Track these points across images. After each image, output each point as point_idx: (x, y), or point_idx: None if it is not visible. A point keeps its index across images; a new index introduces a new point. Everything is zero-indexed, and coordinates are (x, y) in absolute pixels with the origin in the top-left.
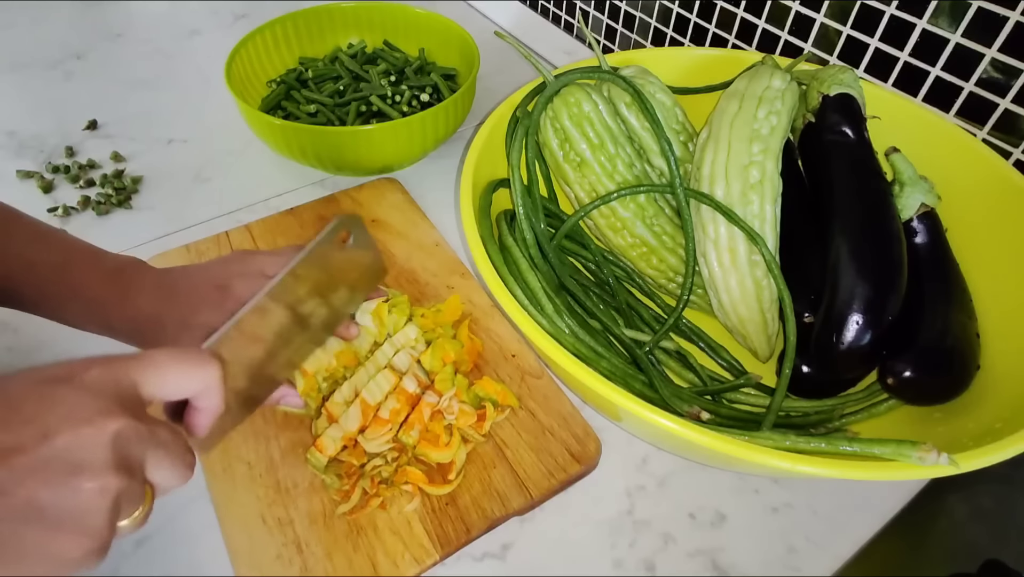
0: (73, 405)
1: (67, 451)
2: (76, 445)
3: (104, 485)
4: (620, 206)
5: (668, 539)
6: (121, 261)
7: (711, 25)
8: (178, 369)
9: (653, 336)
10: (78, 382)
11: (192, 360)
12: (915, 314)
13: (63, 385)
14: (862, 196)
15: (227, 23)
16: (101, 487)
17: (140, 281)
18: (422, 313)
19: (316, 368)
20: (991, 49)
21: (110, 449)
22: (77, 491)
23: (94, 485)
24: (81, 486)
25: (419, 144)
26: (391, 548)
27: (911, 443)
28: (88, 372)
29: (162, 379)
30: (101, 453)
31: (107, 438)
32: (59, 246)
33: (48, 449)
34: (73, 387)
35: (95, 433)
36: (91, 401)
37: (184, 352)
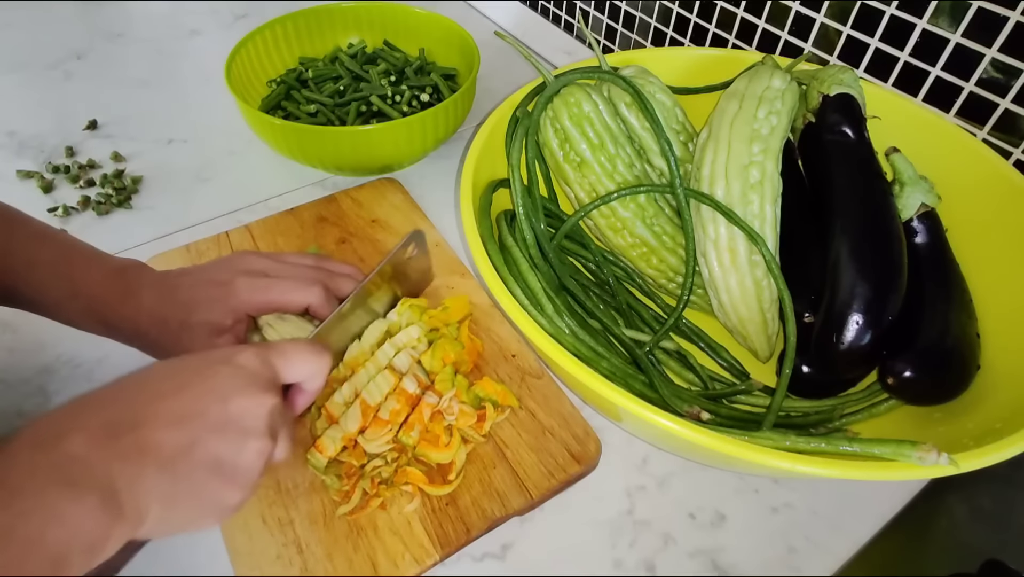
0: (242, 381)
1: (240, 417)
2: (246, 412)
3: (263, 447)
4: (620, 206)
5: (668, 539)
6: (122, 262)
7: (711, 25)
8: (303, 357)
9: (653, 336)
10: (237, 363)
11: (313, 350)
12: (915, 314)
13: (227, 364)
14: (862, 196)
15: (227, 23)
16: (261, 449)
17: (141, 281)
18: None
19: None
20: (991, 49)
21: (268, 419)
22: (244, 450)
23: (258, 445)
24: (249, 446)
25: (419, 144)
26: (391, 548)
27: (911, 443)
28: (243, 355)
29: (292, 365)
30: (262, 421)
31: (266, 410)
32: (59, 245)
33: (225, 413)
34: (236, 367)
35: (259, 405)
36: (253, 379)
37: (305, 344)
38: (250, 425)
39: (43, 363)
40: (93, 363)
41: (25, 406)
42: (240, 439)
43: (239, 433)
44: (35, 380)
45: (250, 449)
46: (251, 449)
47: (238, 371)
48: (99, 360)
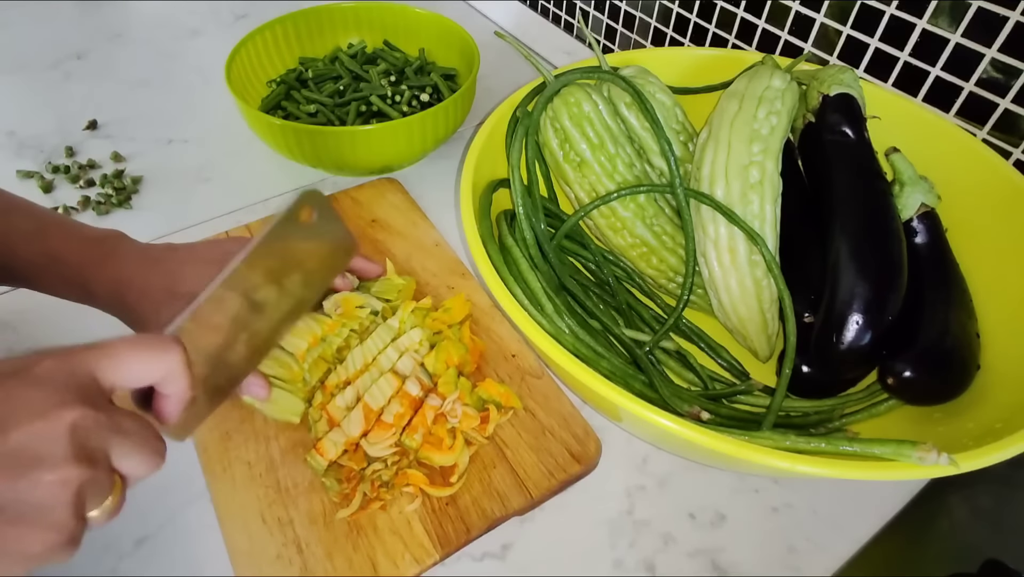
0: (26, 399)
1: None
2: (32, 439)
3: (65, 477)
4: (620, 206)
5: (668, 539)
6: (102, 231)
7: (711, 25)
8: (137, 356)
9: (653, 336)
10: (30, 376)
11: (152, 346)
12: (915, 314)
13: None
14: (862, 196)
15: (227, 23)
16: (62, 479)
17: (123, 249)
18: (433, 317)
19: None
20: (991, 49)
21: (68, 440)
22: (36, 484)
23: (54, 477)
24: (40, 479)
25: (419, 144)
26: (391, 548)
27: (911, 443)
28: (40, 365)
29: (121, 366)
30: (59, 445)
31: (63, 429)
32: (36, 216)
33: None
34: (24, 381)
35: (50, 425)
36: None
37: (144, 339)
38: (40, 452)
39: None
40: None
41: None
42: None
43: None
44: None
45: (44, 483)
46: (45, 483)
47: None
48: None
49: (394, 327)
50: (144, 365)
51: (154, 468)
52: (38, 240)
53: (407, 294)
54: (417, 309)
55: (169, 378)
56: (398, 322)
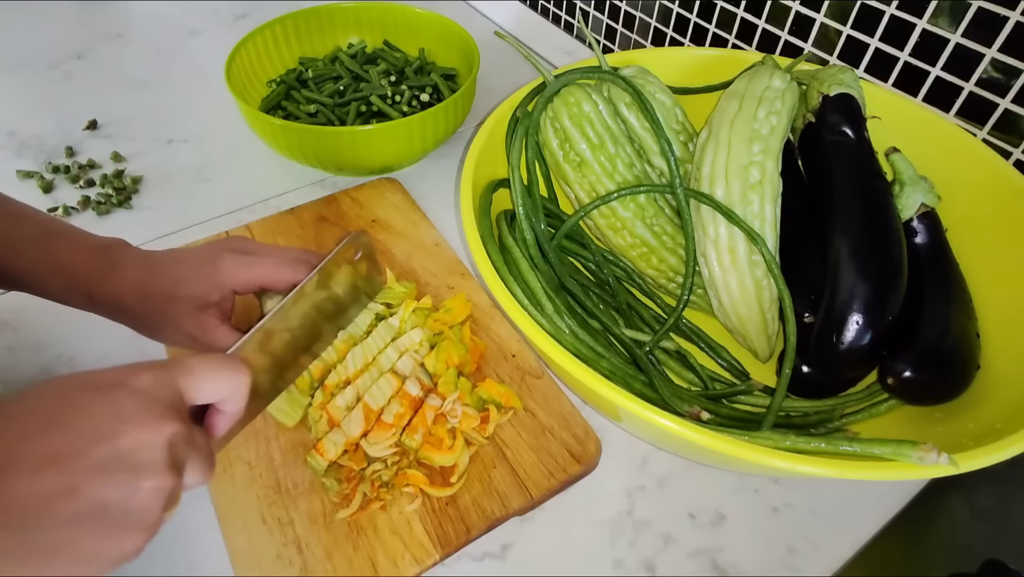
0: (133, 409)
1: (129, 453)
2: (138, 447)
3: (161, 484)
4: (620, 206)
5: (668, 539)
6: (105, 240)
7: (711, 25)
8: (214, 375)
9: (653, 336)
10: (132, 387)
11: (227, 367)
12: (915, 314)
13: (119, 390)
14: (862, 196)
15: (227, 23)
16: (158, 486)
17: (125, 257)
18: (434, 317)
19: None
20: (991, 49)
21: (166, 451)
22: (138, 490)
23: (153, 484)
24: (142, 485)
25: (419, 144)
26: (391, 548)
27: (911, 443)
28: (139, 378)
29: (201, 385)
30: (158, 455)
31: (163, 441)
32: (40, 223)
33: (112, 451)
34: (129, 392)
35: (153, 436)
36: (148, 406)
37: (218, 359)
38: (144, 461)
39: (43, 363)
40: (93, 362)
41: None
42: (131, 479)
43: (130, 472)
44: (35, 380)
45: (144, 489)
46: (145, 489)
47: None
48: (99, 359)
49: (394, 326)
50: (219, 384)
51: (207, 480)
52: (43, 247)
53: (411, 295)
54: (418, 309)
55: (232, 397)
56: (398, 321)
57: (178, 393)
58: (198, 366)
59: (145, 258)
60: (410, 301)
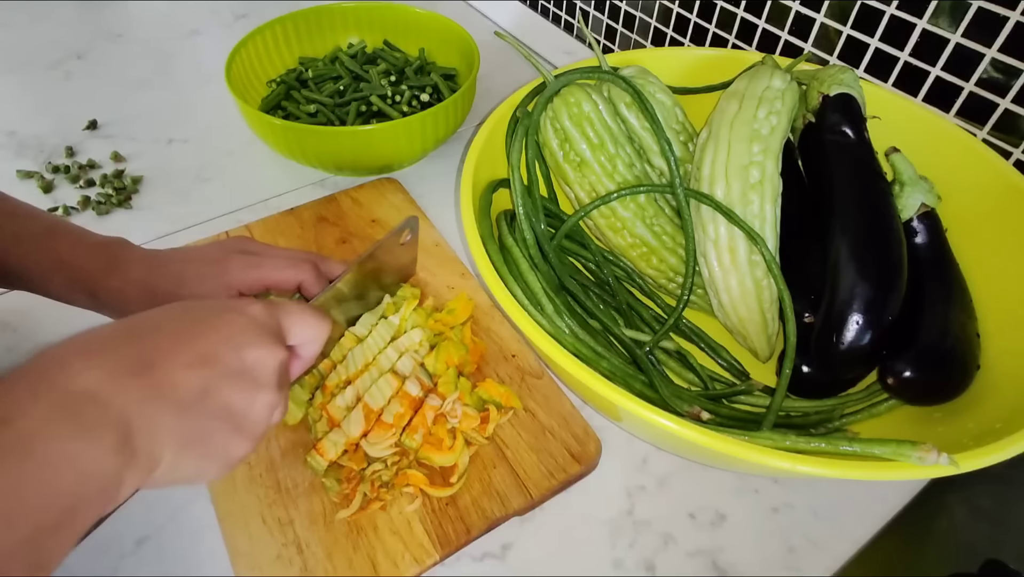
0: (254, 332)
1: (253, 367)
2: (259, 363)
3: (273, 400)
4: (620, 206)
5: (668, 539)
6: (106, 238)
7: (711, 25)
8: (307, 320)
9: (653, 336)
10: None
11: (316, 314)
12: (915, 314)
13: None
14: (862, 196)
15: (227, 23)
16: (271, 401)
17: (128, 255)
18: (436, 318)
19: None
20: (991, 49)
21: (278, 372)
22: (255, 401)
23: (268, 398)
24: (259, 397)
25: (419, 144)
26: (391, 548)
27: (911, 443)
28: (252, 307)
29: (297, 326)
30: (274, 374)
31: (277, 362)
32: (43, 221)
33: (239, 363)
34: (248, 317)
35: (271, 356)
36: (265, 331)
37: (307, 307)
38: (262, 376)
39: None
40: None
41: None
42: (252, 389)
43: (252, 383)
44: None
45: (261, 400)
46: (262, 401)
47: (250, 321)
48: None
49: (394, 324)
50: (308, 327)
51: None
52: (45, 244)
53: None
54: (420, 309)
55: (313, 342)
56: (399, 320)
57: (281, 328)
58: (296, 309)
59: (149, 256)
60: (411, 300)
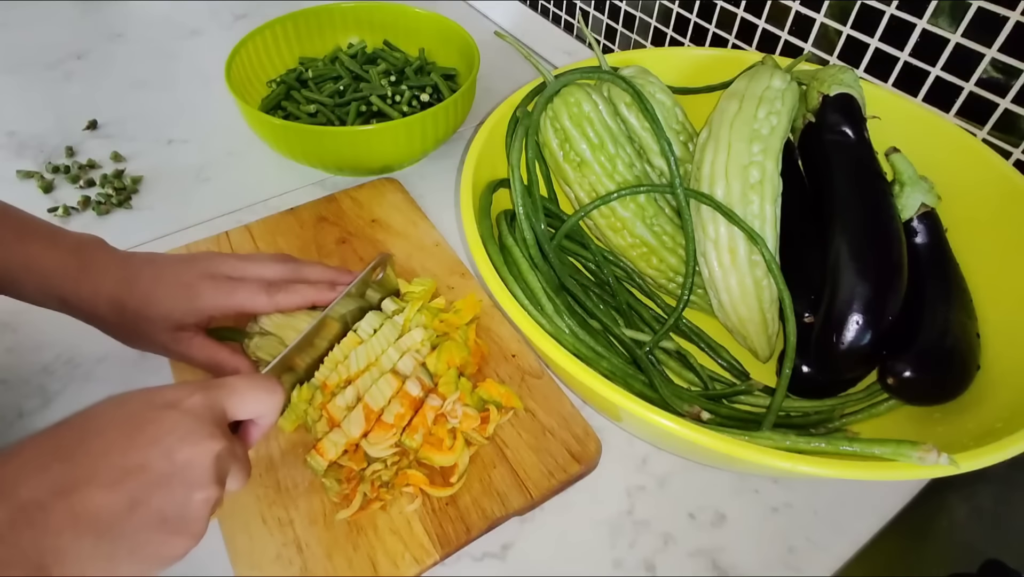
0: (187, 429)
1: (183, 468)
2: (192, 463)
3: (209, 496)
4: (620, 206)
5: (668, 539)
6: (81, 238)
7: (711, 25)
8: (255, 395)
9: (653, 336)
10: (185, 408)
11: (265, 387)
12: (915, 314)
13: (173, 410)
14: (862, 196)
15: (227, 23)
16: (207, 497)
17: (100, 261)
18: (441, 318)
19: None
20: (991, 49)
21: (214, 466)
22: (191, 501)
23: (203, 496)
24: (194, 497)
25: (419, 144)
26: (391, 548)
27: (911, 443)
28: (191, 399)
29: (243, 404)
30: (208, 470)
31: (212, 457)
32: (14, 222)
33: (170, 467)
34: (183, 412)
35: (204, 453)
36: (199, 426)
37: (258, 380)
38: (196, 476)
39: (43, 363)
40: (93, 363)
41: (25, 406)
42: (185, 491)
43: (184, 485)
44: (35, 380)
45: (196, 501)
46: (197, 500)
47: (183, 417)
48: (99, 360)
49: (399, 324)
50: (258, 403)
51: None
52: (16, 248)
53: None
54: (427, 309)
55: (268, 413)
56: (403, 319)
57: (223, 411)
58: (241, 386)
59: (120, 267)
60: (416, 301)
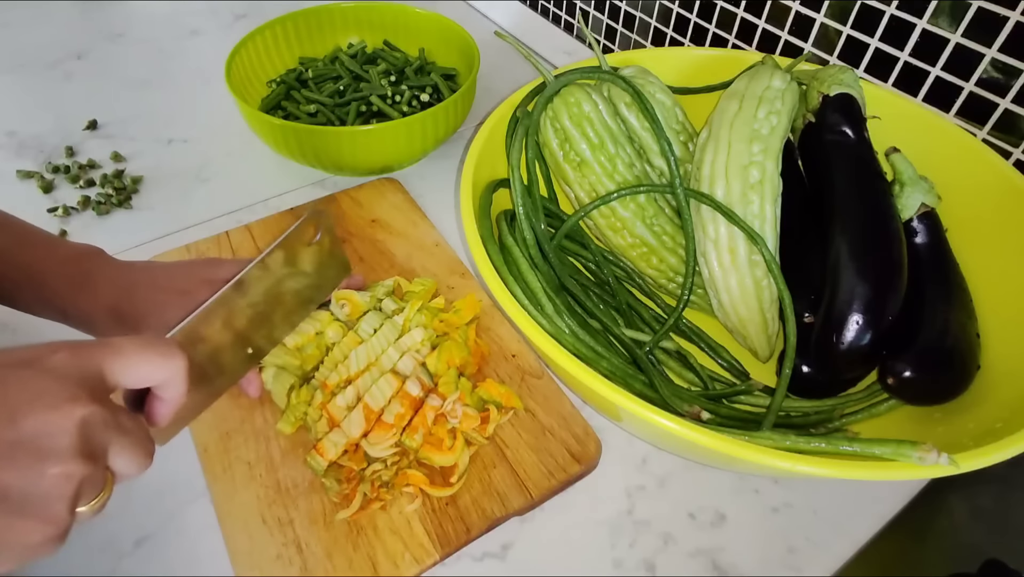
0: (40, 389)
1: (33, 436)
2: (43, 430)
3: (69, 471)
4: (620, 206)
5: (668, 539)
6: (79, 249)
7: (711, 25)
8: (145, 358)
9: (653, 336)
10: (44, 366)
11: (159, 350)
12: (915, 314)
13: (28, 369)
14: (862, 196)
15: (227, 23)
16: (66, 473)
17: (99, 271)
18: (441, 318)
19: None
20: (991, 49)
21: (76, 435)
22: (42, 476)
23: (59, 471)
24: (46, 472)
25: (419, 144)
26: (391, 548)
27: (911, 443)
28: (54, 356)
29: (128, 367)
30: (67, 439)
31: (73, 424)
32: (14, 231)
33: (13, 433)
34: (39, 371)
35: (61, 418)
36: (58, 386)
37: (150, 341)
38: (49, 445)
39: None
40: None
41: None
42: (32, 463)
43: (31, 456)
44: None
45: (49, 476)
46: (50, 476)
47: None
48: None
49: (399, 324)
50: (150, 367)
51: (143, 469)
52: (15, 258)
53: (427, 295)
54: (427, 309)
55: (170, 383)
56: (403, 320)
57: (99, 373)
58: (127, 346)
59: (119, 275)
60: (416, 300)
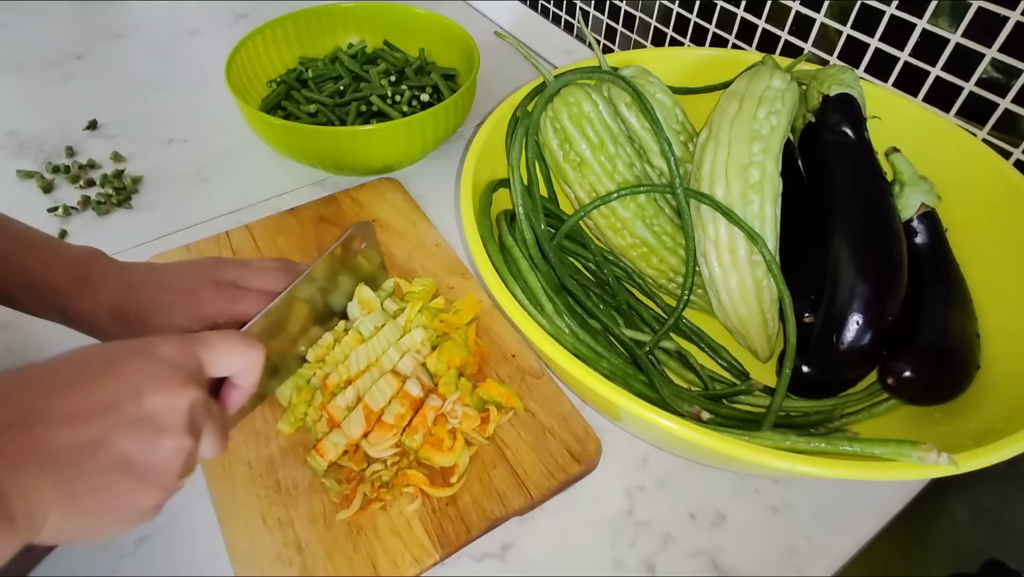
0: (159, 373)
1: (154, 413)
2: (162, 408)
3: (181, 445)
4: (620, 206)
5: (668, 539)
6: (79, 251)
7: (711, 25)
8: (232, 350)
9: (653, 336)
10: (156, 355)
11: (242, 341)
12: (915, 314)
13: (143, 356)
14: (862, 196)
15: (227, 23)
16: (178, 447)
17: (99, 273)
18: (441, 318)
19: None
20: (991, 49)
21: (187, 415)
22: (160, 448)
23: (174, 444)
24: (164, 444)
25: (419, 144)
26: (391, 548)
27: (911, 443)
28: (163, 346)
29: (220, 358)
30: (180, 417)
31: (185, 405)
32: (12, 233)
33: (139, 409)
34: (154, 359)
35: (176, 399)
36: (172, 372)
37: (234, 335)
38: (166, 422)
39: None
40: None
41: None
42: (154, 436)
43: (154, 430)
44: None
45: (166, 448)
46: (167, 448)
47: (156, 363)
48: None
49: (400, 325)
50: (236, 357)
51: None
52: (14, 260)
53: (427, 296)
54: (427, 309)
55: (247, 372)
56: (404, 320)
57: (199, 363)
58: (217, 340)
59: (121, 276)
60: (417, 301)
